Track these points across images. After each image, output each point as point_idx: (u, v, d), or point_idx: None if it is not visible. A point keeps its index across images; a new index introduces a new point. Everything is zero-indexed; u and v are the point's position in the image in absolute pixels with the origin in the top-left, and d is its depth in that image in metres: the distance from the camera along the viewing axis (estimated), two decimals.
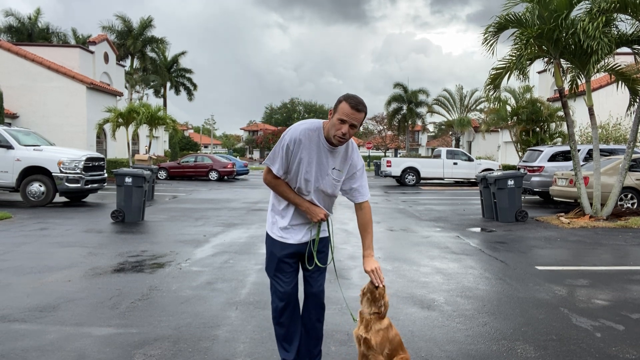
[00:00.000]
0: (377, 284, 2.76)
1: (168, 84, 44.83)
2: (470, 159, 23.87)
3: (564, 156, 14.37)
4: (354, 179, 2.89)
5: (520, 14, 10.26)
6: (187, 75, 46.59)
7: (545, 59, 11.63)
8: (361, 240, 2.92)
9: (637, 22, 9.84)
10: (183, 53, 45.93)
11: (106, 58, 28.70)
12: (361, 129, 61.39)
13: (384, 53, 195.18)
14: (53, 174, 12.18)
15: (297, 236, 2.89)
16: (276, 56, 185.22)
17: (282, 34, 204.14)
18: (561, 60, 10.74)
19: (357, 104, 2.63)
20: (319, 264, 2.92)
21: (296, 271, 2.98)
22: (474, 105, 39.32)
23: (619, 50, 10.81)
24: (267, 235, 2.99)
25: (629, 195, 11.58)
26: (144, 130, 26.08)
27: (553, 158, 14.52)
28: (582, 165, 11.57)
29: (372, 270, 2.77)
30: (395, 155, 52.45)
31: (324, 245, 3.00)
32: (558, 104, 19.10)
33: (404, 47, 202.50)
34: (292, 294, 2.93)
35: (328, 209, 2.97)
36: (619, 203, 11.30)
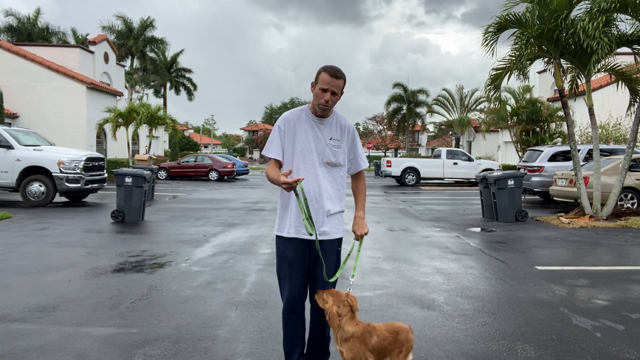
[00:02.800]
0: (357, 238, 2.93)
1: (168, 84, 44.86)
2: (470, 159, 23.87)
3: (564, 156, 14.37)
4: (354, 145, 3.03)
5: (520, 14, 10.25)
6: (187, 75, 46.70)
7: (545, 59, 11.64)
8: (355, 201, 3.08)
9: (637, 22, 9.84)
10: (181, 51, 46.01)
11: (106, 58, 28.71)
12: (361, 128, 61.52)
13: (381, 53, 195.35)
14: (53, 174, 12.18)
15: (304, 229, 2.83)
16: (274, 56, 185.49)
17: (279, 34, 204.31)
18: (561, 60, 10.74)
19: (335, 72, 2.80)
20: (309, 229, 2.74)
21: (306, 274, 2.93)
22: (474, 105, 39.33)
23: (619, 50, 10.80)
24: (276, 237, 2.97)
25: (629, 195, 11.58)
26: (144, 130, 26.09)
27: (553, 158, 14.53)
28: (582, 165, 11.57)
29: (361, 236, 2.93)
30: (395, 155, 52.48)
31: (331, 247, 2.94)
32: (558, 104, 19.11)
33: (402, 47, 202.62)
34: (301, 297, 2.92)
35: (340, 185, 2.98)
36: (619, 203, 11.30)
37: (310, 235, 2.76)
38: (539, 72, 30.06)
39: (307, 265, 2.91)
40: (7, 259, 6.41)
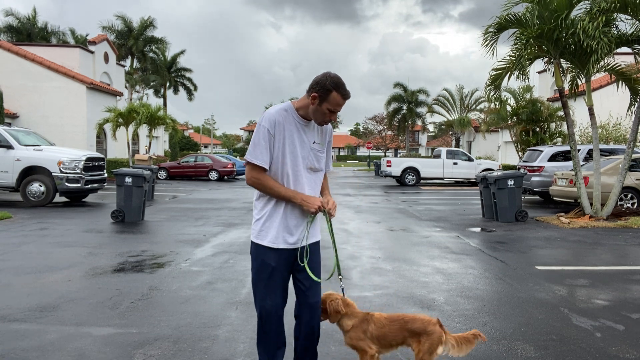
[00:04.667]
0: (324, 208, 2.76)
1: (167, 84, 44.84)
2: (470, 159, 23.87)
3: (564, 156, 14.36)
4: (328, 148, 2.91)
5: (520, 14, 10.25)
6: (187, 75, 46.66)
7: (545, 59, 11.63)
8: (321, 191, 2.92)
9: (637, 22, 9.84)
10: (182, 52, 46.00)
11: (106, 58, 28.70)
12: (361, 128, 61.50)
13: (379, 53, 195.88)
14: (53, 174, 12.18)
15: (290, 239, 2.73)
16: (273, 56, 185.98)
17: (276, 34, 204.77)
18: (561, 60, 10.73)
19: (347, 94, 2.66)
20: (307, 267, 2.74)
21: (287, 281, 2.82)
22: (474, 105, 39.32)
23: (619, 50, 10.80)
24: (255, 244, 2.76)
25: (629, 195, 11.57)
26: (144, 130, 26.09)
27: (553, 158, 14.52)
28: (582, 165, 11.57)
29: (327, 201, 2.79)
30: (395, 155, 52.45)
31: (315, 250, 2.85)
32: (558, 104, 19.11)
33: (400, 47, 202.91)
34: (282, 307, 2.79)
35: (318, 190, 2.85)
36: (619, 203, 11.29)
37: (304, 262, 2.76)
38: (539, 72, 30.06)
39: (287, 272, 2.79)
40: (7, 259, 6.41)
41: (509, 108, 21.66)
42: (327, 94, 2.60)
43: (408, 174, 22.85)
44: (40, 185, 12.23)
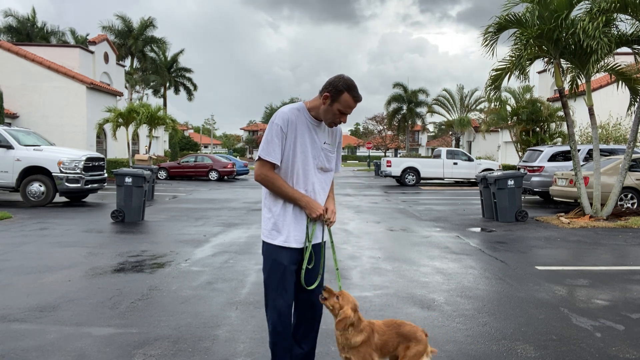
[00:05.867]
0: (325, 219, 2.75)
1: (167, 84, 44.85)
2: (470, 159, 23.87)
3: (564, 156, 14.37)
4: (338, 149, 2.93)
5: (520, 14, 10.25)
6: (187, 75, 46.67)
7: (545, 59, 11.64)
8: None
9: (637, 22, 9.84)
10: (182, 51, 46.00)
11: (106, 58, 28.70)
12: (361, 128, 61.50)
13: (378, 53, 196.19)
14: (53, 174, 12.18)
15: (301, 239, 2.75)
16: (272, 56, 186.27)
17: (275, 34, 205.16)
18: (561, 60, 10.74)
19: (359, 97, 2.68)
20: (306, 267, 2.77)
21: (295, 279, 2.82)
22: (474, 105, 39.32)
23: (619, 50, 10.80)
24: (267, 244, 2.77)
25: (629, 195, 11.57)
26: (144, 130, 26.10)
27: (553, 158, 14.52)
28: (582, 165, 11.57)
29: (333, 212, 2.80)
30: (395, 155, 52.46)
31: (317, 252, 2.84)
32: (558, 104, 19.11)
33: (399, 47, 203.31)
34: (291, 306, 2.80)
35: (327, 191, 2.85)
36: (619, 203, 11.29)
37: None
38: (539, 72, 30.06)
39: (297, 271, 2.80)
40: (7, 259, 6.41)
41: (509, 108, 21.67)
42: (338, 95, 2.63)
43: (408, 174, 22.85)
44: (40, 185, 12.23)
